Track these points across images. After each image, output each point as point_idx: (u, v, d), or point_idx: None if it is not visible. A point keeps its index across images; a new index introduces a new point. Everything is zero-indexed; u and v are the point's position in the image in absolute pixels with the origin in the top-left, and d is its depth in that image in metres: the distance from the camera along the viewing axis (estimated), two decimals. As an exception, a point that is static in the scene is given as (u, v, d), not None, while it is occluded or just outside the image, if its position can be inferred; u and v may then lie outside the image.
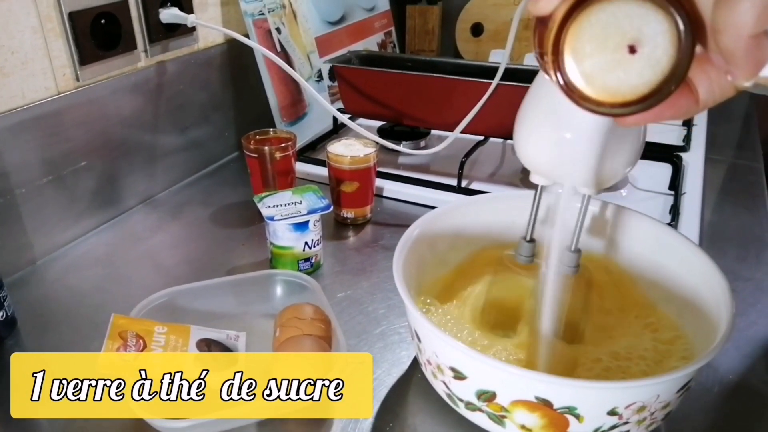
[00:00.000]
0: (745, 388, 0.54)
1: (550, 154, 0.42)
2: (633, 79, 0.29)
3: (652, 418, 0.42)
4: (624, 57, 0.29)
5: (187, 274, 0.70)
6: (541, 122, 0.42)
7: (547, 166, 0.44)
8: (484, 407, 0.43)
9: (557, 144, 0.40)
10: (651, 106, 0.29)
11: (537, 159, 0.44)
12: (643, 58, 0.29)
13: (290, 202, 0.67)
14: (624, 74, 0.29)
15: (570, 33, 0.29)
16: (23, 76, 0.66)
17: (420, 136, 0.99)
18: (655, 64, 0.28)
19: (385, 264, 0.71)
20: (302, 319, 0.53)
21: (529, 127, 0.43)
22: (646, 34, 0.28)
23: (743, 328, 0.60)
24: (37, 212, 0.69)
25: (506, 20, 1.35)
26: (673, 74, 0.28)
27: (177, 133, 0.89)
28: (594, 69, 0.29)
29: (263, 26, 0.93)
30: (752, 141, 1.05)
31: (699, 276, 0.49)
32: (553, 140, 0.41)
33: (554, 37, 0.29)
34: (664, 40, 0.28)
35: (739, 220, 0.80)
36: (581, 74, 0.29)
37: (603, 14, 0.28)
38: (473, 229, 0.60)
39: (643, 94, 0.29)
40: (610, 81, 0.29)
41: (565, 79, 0.30)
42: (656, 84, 0.29)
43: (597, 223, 0.57)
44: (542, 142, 0.42)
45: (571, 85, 0.30)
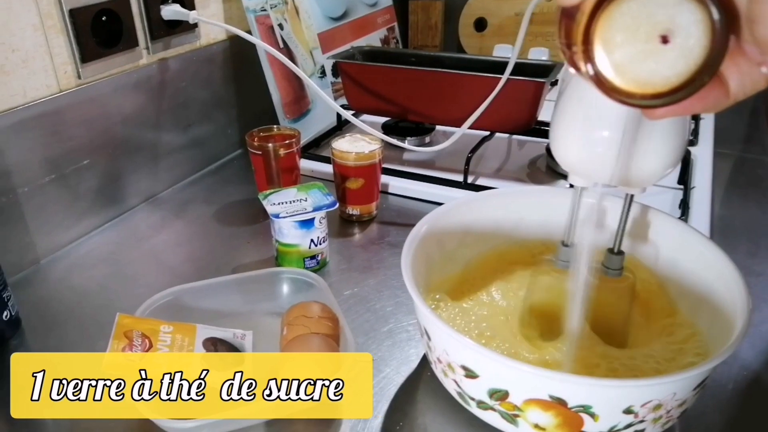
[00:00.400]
0: (760, 385, 0.53)
1: (589, 154, 0.41)
2: (665, 70, 0.28)
3: (668, 416, 0.41)
4: (656, 47, 0.28)
5: (192, 272, 0.69)
6: (577, 122, 0.41)
7: (586, 167, 0.42)
8: (496, 406, 0.42)
9: (596, 143, 0.39)
10: (683, 98, 0.28)
11: (575, 159, 0.42)
12: (675, 48, 0.28)
13: (295, 199, 0.66)
14: (656, 65, 0.28)
15: (600, 23, 0.28)
16: (24, 74, 0.66)
17: (425, 132, 0.99)
18: (688, 54, 0.28)
19: (391, 261, 0.70)
20: (309, 317, 0.52)
21: (566, 127, 0.42)
22: (679, 23, 0.27)
23: (757, 323, 0.59)
24: (39, 211, 0.69)
25: (510, 15, 1.34)
26: (706, 65, 0.27)
27: (179, 131, 0.88)
28: (625, 59, 0.28)
29: (266, 22, 0.93)
30: (760, 135, 1.04)
31: (713, 272, 0.49)
32: (591, 140, 0.40)
33: (584, 28, 0.28)
34: (698, 29, 0.27)
35: (749, 214, 0.79)
36: (612, 65, 0.29)
37: (634, 3, 0.27)
38: (482, 226, 0.59)
39: (675, 86, 0.28)
40: (641, 72, 0.28)
41: (595, 70, 0.29)
42: (689, 75, 0.28)
43: (608, 220, 0.56)
44: (580, 142, 0.41)
45: (601, 77, 0.29)
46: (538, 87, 0.83)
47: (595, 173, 0.41)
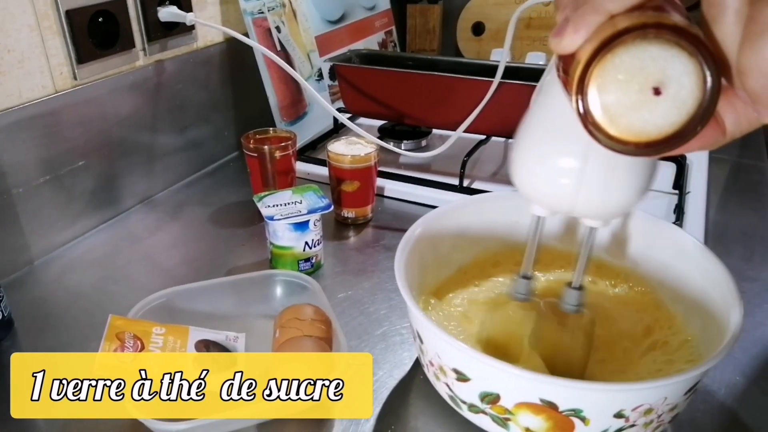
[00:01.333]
0: (752, 390, 0.53)
1: (554, 184, 0.37)
2: (658, 120, 0.28)
3: (659, 420, 0.41)
4: (649, 98, 0.28)
5: (186, 274, 0.69)
6: (542, 147, 0.38)
7: (546, 196, 0.39)
8: (487, 409, 0.42)
9: (557, 172, 0.37)
10: (676, 146, 0.29)
11: (538, 188, 0.39)
12: (668, 99, 0.28)
13: (290, 202, 0.66)
14: (649, 115, 0.28)
15: (594, 74, 0.28)
16: (20, 75, 0.66)
17: (421, 136, 0.99)
18: (681, 105, 0.28)
19: (386, 264, 0.70)
20: (302, 320, 0.52)
21: (529, 152, 0.39)
22: (670, 75, 0.28)
23: (750, 329, 0.59)
24: (34, 212, 0.69)
25: (507, 19, 1.32)
26: (698, 115, 0.28)
27: (176, 133, 0.88)
28: (619, 109, 0.29)
29: (263, 25, 0.93)
30: (757, 140, 1.04)
31: (706, 277, 0.49)
32: (552, 168, 0.37)
33: (579, 77, 0.28)
34: (690, 81, 0.27)
35: (744, 219, 0.80)
36: (606, 114, 0.29)
37: (627, 56, 0.28)
38: (476, 229, 0.59)
39: (668, 135, 0.29)
40: (634, 121, 0.29)
41: (590, 119, 0.29)
42: (682, 125, 0.28)
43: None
44: (541, 170, 0.38)
45: (596, 125, 0.29)
46: (533, 91, 0.82)
47: (556, 203, 0.39)
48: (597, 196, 0.37)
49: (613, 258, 0.57)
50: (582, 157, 0.36)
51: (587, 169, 0.36)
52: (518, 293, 0.46)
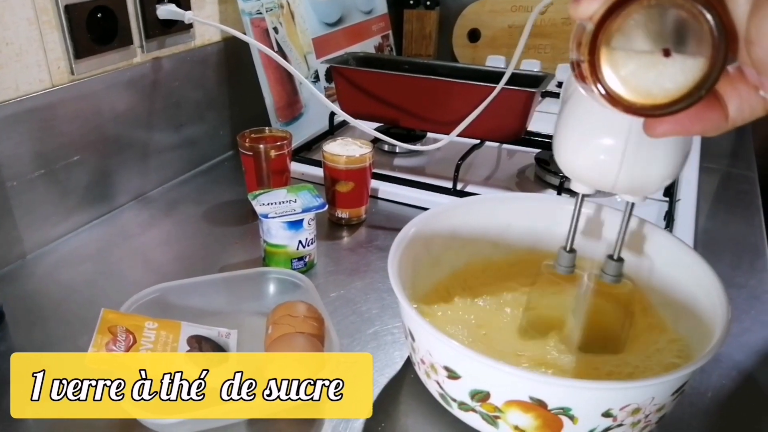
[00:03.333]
0: (738, 394, 0.53)
1: (592, 161, 0.41)
2: (666, 83, 0.29)
3: (647, 420, 0.41)
4: (659, 60, 0.29)
5: (179, 271, 0.69)
6: (580, 129, 0.41)
7: (588, 174, 0.42)
8: (477, 407, 0.42)
9: (599, 151, 0.40)
10: (680, 110, 0.30)
11: (577, 166, 0.43)
12: (677, 62, 0.29)
13: (285, 200, 0.67)
14: (657, 77, 0.29)
15: (607, 34, 0.29)
16: (17, 68, 0.66)
17: (416, 139, 0.99)
18: (688, 69, 0.29)
19: (379, 264, 0.71)
20: (295, 316, 0.52)
21: (569, 134, 0.42)
22: (681, 39, 0.29)
23: (737, 334, 0.60)
24: (28, 206, 0.69)
25: (503, 27, 1.36)
26: (704, 80, 0.29)
27: (171, 131, 0.88)
28: (628, 70, 0.30)
29: (261, 25, 0.93)
30: (746, 151, 1.06)
31: (695, 281, 0.49)
32: (594, 147, 0.40)
33: (591, 38, 0.29)
34: (699, 46, 0.28)
35: (733, 227, 0.81)
36: (616, 75, 0.30)
37: (640, 17, 0.29)
38: (469, 231, 0.59)
39: (674, 98, 0.29)
40: (643, 82, 0.30)
41: (600, 80, 0.30)
42: (687, 89, 0.29)
43: (592, 227, 0.57)
44: (583, 149, 0.41)
45: (606, 86, 0.30)
46: (528, 97, 0.84)
47: (598, 181, 0.42)
48: (637, 172, 0.40)
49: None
50: (623, 136, 0.38)
51: (628, 147, 0.38)
52: (561, 266, 0.50)
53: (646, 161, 0.39)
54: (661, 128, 0.31)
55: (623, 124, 0.38)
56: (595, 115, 0.40)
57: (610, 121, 0.39)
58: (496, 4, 1.35)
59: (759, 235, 0.79)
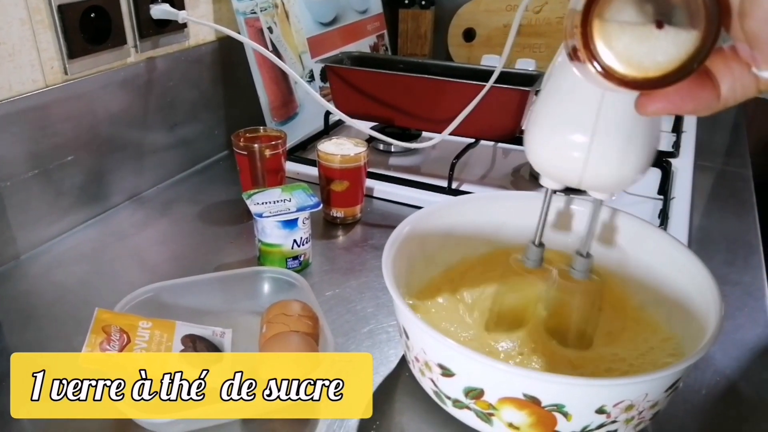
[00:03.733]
0: (732, 391, 0.54)
1: (559, 157, 0.41)
2: (658, 55, 0.29)
3: (640, 417, 0.42)
4: (651, 32, 0.29)
5: (174, 271, 0.69)
6: (549, 124, 0.41)
7: (556, 169, 0.42)
8: (471, 405, 0.42)
9: (566, 146, 0.40)
10: (672, 82, 0.29)
11: (544, 160, 0.43)
12: (669, 34, 0.29)
13: (279, 200, 0.67)
14: (649, 49, 0.29)
15: (600, 5, 0.29)
16: (10, 68, 0.66)
17: (411, 138, 0.99)
18: (680, 41, 0.29)
19: (374, 263, 0.71)
20: (289, 315, 0.52)
21: (538, 129, 0.42)
22: (673, 11, 0.28)
23: (731, 331, 0.60)
24: (22, 206, 0.68)
25: (498, 26, 1.36)
26: (696, 54, 0.29)
27: (166, 131, 0.88)
28: (621, 42, 0.30)
29: (255, 25, 0.93)
30: (741, 149, 1.06)
31: (688, 277, 0.49)
32: (561, 142, 0.40)
33: (584, 9, 0.29)
34: (692, 19, 0.28)
35: (728, 225, 0.81)
36: (608, 48, 0.30)
37: None
38: (464, 229, 0.59)
39: (666, 71, 0.29)
40: (635, 55, 0.30)
41: (593, 53, 0.30)
42: (679, 62, 0.29)
43: (586, 224, 0.57)
44: (550, 144, 0.41)
45: (598, 57, 0.30)
46: (522, 96, 0.84)
47: (565, 176, 0.42)
48: (603, 169, 0.39)
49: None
50: (590, 132, 0.38)
51: (593, 143, 0.38)
52: (529, 259, 0.50)
53: (612, 158, 0.39)
54: (652, 106, 0.31)
55: (590, 119, 0.38)
56: (563, 109, 0.40)
57: (577, 115, 0.39)
58: (491, 3, 1.35)
59: (753, 232, 0.79)
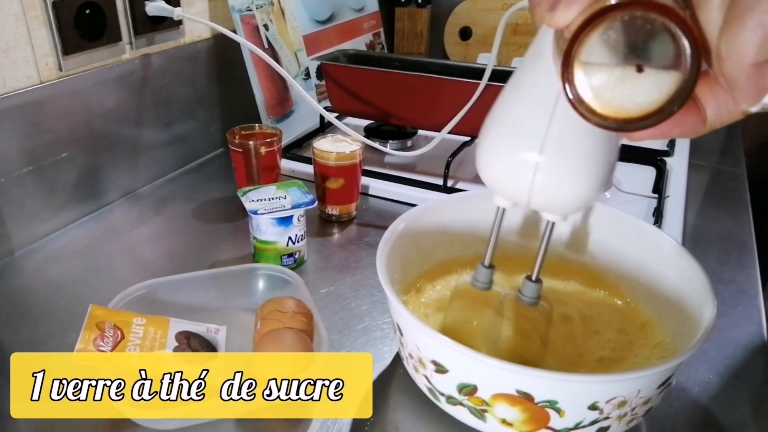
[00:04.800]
0: (725, 388, 0.54)
1: (511, 175, 0.38)
2: (638, 97, 0.29)
3: (633, 413, 0.42)
4: (631, 75, 0.29)
5: (169, 268, 0.69)
6: (502, 140, 0.38)
7: (505, 187, 0.39)
8: (465, 401, 0.42)
9: (515, 163, 0.37)
10: (653, 124, 0.30)
11: (497, 179, 0.39)
12: (649, 77, 0.29)
13: (274, 197, 0.67)
14: (630, 91, 0.29)
15: (581, 47, 0.29)
16: (4, 64, 0.65)
17: (407, 136, 0.99)
18: (661, 84, 0.29)
19: (369, 261, 0.71)
20: (284, 312, 0.52)
21: (489, 143, 0.39)
22: (654, 54, 0.28)
23: (724, 329, 0.60)
24: (16, 203, 0.68)
25: (494, 25, 1.35)
26: (677, 96, 0.29)
27: (161, 128, 0.88)
28: (602, 84, 0.30)
29: (251, 22, 0.93)
30: (735, 148, 1.06)
31: (682, 275, 0.50)
32: (511, 159, 0.38)
33: (566, 50, 0.29)
34: (671, 62, 0.28)
35: (722, 223, 0.81)
36: (590, 88, 0.30)
37: (613, 32, 0.28)
38: (458, 227, 0.59)
39: (646, 113, 0.29)
40: (616, 97, 0.30)
41: (573, 91, 0.30)
42: (660, 104, 0.29)
43: (581, 223, 0.57)
44: (500, 161, 0.38)
45: (579, 98, 0.30)
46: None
47: (514, 195, 0.39)
48: (551, 189, 0.37)
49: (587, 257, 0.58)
50: (537, 150, 0.36)
51: (541, 162, 0.36)
52: (478, 282, 0.47)
53: (560, 179, 0.37)
54: (638, 132, 0.31)
55: (539, 135, 0.36)
56: (513, 126, 0.37)
57: (526, 130, 0.36)
58: (487, 2, 1.35)
59: (747, 231, 0.79)
